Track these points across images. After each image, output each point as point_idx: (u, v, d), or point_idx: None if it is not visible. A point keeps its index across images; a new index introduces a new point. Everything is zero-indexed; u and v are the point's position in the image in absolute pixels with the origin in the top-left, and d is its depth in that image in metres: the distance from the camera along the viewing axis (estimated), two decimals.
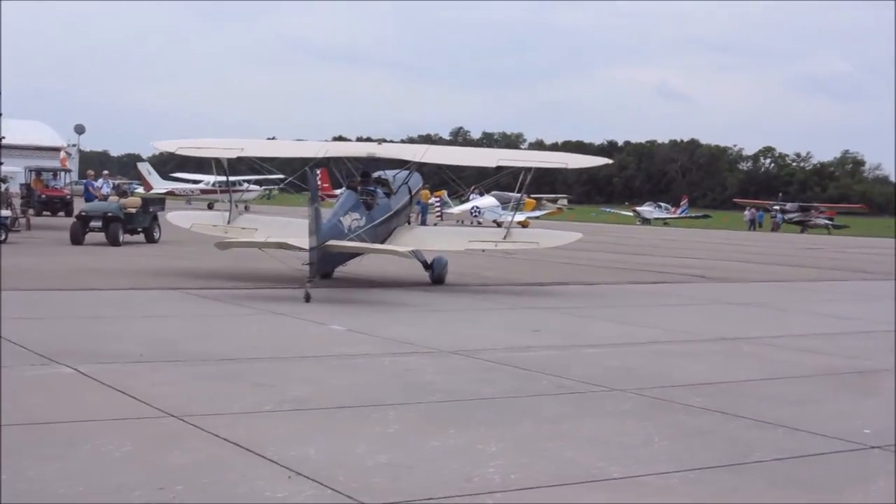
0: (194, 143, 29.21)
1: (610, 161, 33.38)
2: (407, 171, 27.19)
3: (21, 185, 60.97)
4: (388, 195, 25.94)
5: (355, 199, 24.65)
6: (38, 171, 60.11)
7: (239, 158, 28.06)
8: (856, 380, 13.74)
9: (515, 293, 24.29)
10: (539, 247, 27.80)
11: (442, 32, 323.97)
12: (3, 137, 54.01)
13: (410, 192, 27.35)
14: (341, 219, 23.70)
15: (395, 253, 23.74)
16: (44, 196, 56.16)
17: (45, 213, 54.53)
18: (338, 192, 31.66)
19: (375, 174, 26.72)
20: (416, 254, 25.25)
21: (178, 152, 30.14)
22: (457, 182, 30.72)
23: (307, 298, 20.23)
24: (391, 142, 29.07)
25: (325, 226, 22.43)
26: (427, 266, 25.77)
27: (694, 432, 10.01)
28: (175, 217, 29.40)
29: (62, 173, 62.26)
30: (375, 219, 24.77)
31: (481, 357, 14.07)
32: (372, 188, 25.54)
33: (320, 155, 27.93)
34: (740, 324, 19.86)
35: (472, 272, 28.25)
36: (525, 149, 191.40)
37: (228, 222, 26.54)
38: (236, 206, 27.84)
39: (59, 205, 55.14)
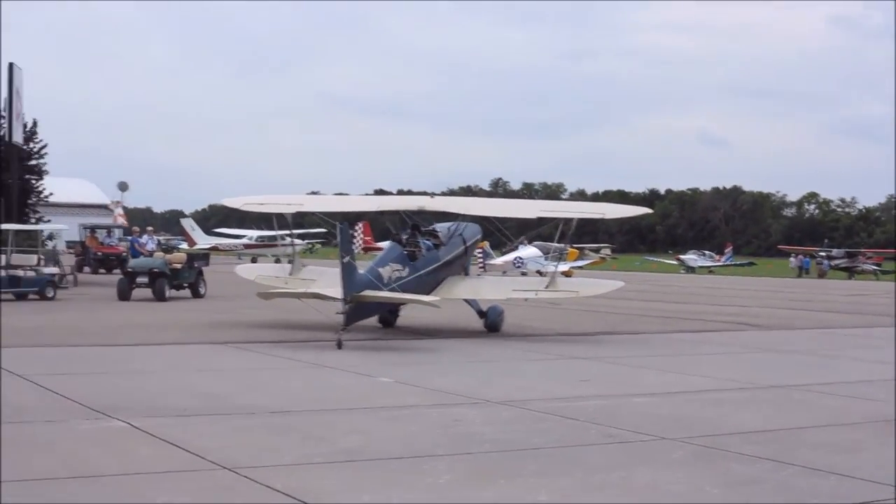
0: (257, 200, 30.57)
1: (649, 210, 33.34)
2: (462, 223, 27.69)
3: (76, 242, 61.28)
4: (436, 246, 26.46)
5: (398, 251, 25.63)
6: (93, 229, 60.14)
7: (299, 213, 29.26)
8: None
9: (562, 343, 24.27)
10: (579, 295, 28.05)
11: (479, 83, 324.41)
12: (51, 195, 54.71)
13: (465, 242, 27.79)
14: (380, 270, 24.53)
15: (421, 303, 24.25)
16: (99, 254, 56.09)
17: (100, 270, 54.15)
18: (381, 244, 32.61)
19: (432, 226, 27.38)
20: (471, 303, 26.27)
21: (243, 208, 31.18)
22: (503, 233, 31.00)
23: (339, 345, 21.22)
24: (438, 194, 29.71)
25: (363, 277, 23.39)
26: (482, 314, 26.50)
27: (746, 480, 9.96)
28: (241, 270, 30.89)
29: (116, 230, 62.35)
30: (420, 269, 25.41)
31: (530, 407, 14.06)
32: (418, 240, 26.06)
33: (374, 209, 29.23)
34: (789, 371, 19.75)
35: (518, 322, 28.23)
36: (566, 198, 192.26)
37: (290, 274, 26.96)
38: (280, 259, 28.53)
39: (114, 262, 54.39)
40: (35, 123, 51.45)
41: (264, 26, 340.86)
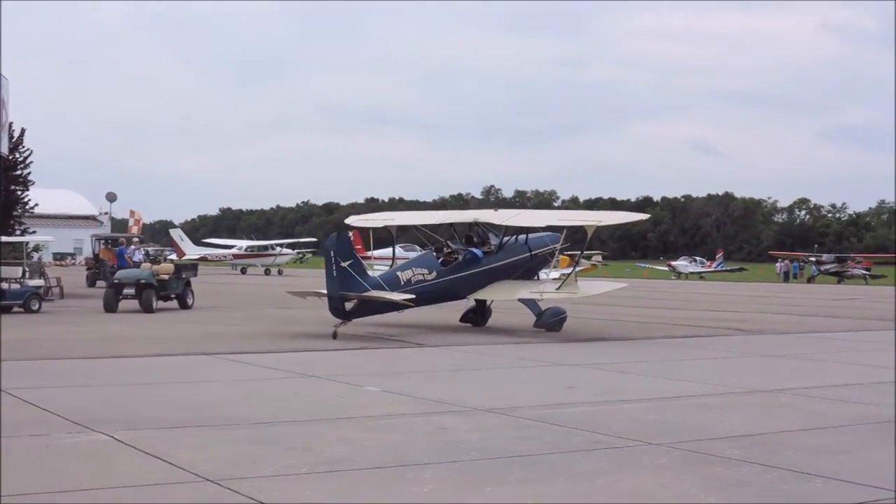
0: (364, 217, 36.49)
1: (646, 216, 34.16)
2: (530, 234, 30.81)
3: (67, 254, 60.28)
4: (487, 254, 29.42)
5: (429, 258, 29.13)
6: (107, 241, 59.29)
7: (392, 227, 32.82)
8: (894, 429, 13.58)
9: (551, 348, 24.21)
10: (580, 294, 29.33)
11: (471, 91, 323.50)
12: (36, 205, 54.44)
13: (531, 250, 30.63)
14: (399, 273, 27.74)
15: (391, 301, 26.32)
16: (115, 266, 55.46)
17: None
18: (372, 252, 35.18)
19: (488, 236, 30.37)
20: (528, 303, 28.74)
21: (353, 224, 35.32)
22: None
23: (334, 336, 24.68)
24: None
25: (378, 278, 26.81)
26: (539, 315, 28.52)
27: (732, 484, 9.93)
28: None
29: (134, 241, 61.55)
30: (448, 275, 28.32)
31: (517, 414, 14.01)
32: (455, 248, 29.02)
33: (443, 221, 32.15)
34: (776, 375, 19.70)
35: (510, 328, 28.36)
36: (558, 206, 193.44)
37: None
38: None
39: None
40: (23, 132, 51.09)
41: (256, 35, 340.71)
